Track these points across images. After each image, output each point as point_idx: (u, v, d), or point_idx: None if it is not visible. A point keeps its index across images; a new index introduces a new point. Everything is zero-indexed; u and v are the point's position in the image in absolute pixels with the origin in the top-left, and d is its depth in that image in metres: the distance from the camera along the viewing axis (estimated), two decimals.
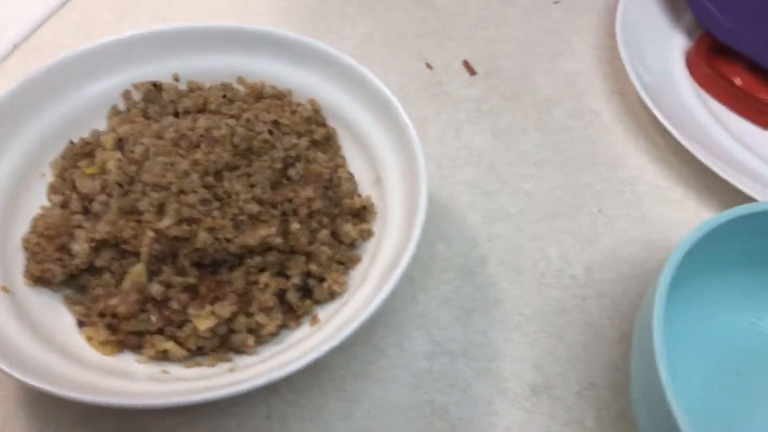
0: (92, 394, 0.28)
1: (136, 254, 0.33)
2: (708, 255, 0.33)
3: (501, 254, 0.40)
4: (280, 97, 0.40)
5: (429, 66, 0.51)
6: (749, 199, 0.40)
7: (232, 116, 0.38)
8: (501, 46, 0.53)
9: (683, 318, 0.35)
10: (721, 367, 0.35)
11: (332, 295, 0.34)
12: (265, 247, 0.34)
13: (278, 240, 0.33)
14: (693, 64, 0.51)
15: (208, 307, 0.32)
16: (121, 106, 0.40)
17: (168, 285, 0.32)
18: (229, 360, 0.32)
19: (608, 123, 0.48)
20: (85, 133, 0.39)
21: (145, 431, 0.33)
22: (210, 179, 0.34)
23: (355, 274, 0.35)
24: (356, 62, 0.39)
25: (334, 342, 0.29)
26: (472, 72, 0.51)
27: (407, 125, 0.36)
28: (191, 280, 0.32)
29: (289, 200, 0.35)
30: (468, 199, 0.43)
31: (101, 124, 0.40)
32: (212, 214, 0.33)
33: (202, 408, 0.33)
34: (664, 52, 0.52)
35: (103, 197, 0.34)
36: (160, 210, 0.33)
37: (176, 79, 0.41)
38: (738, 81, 0.50)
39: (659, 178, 0.45)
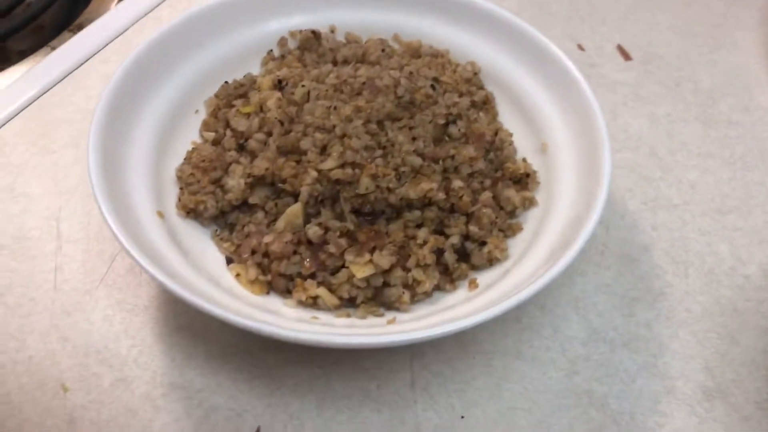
0: (249, 319, 0.26)
1: (293, 194, 0.31)
2: None
3: (666, 245, 0.37)
4: (438, 55, 0.38)
5: (581, 47, 0.48)
6: None
7: (392, 69, 0.36)
8: (657, 33, 0.49)
9: None
10: None
11: (491, 262, 0.32)
12: (426, 202, 0.31)
13: (440, 196, 0.31)
14: None
15: (367, 255, 0.30)
16: (276, 52, 0.39)
17: (326, 228, 0.30)
18: (380, 314, 0.30)
19: None
20: (239, 76, 0.38)
21: (277, 380, 0.31)
22: (373, 126, 0.32)
23: (514, 243, 0.33)
24: (523, 21, 0.37)
25: (497, 310, 0.27)
26: (627, 57, 0.47)
27: (588, 98, 0.33)
28: (350, 225, 0.30)
29: (451, 157, 0.33)
30: (627, 184, 0.39)
31: (255, 69, 0.39)
32: (375, 161, 0.31)
33: (342, 365, 0.31)
34: None
35: (260, 135, 0.33)
36: (323, 151, 0.31)
37: (332, 30, 0.40)
38: None
39: None
